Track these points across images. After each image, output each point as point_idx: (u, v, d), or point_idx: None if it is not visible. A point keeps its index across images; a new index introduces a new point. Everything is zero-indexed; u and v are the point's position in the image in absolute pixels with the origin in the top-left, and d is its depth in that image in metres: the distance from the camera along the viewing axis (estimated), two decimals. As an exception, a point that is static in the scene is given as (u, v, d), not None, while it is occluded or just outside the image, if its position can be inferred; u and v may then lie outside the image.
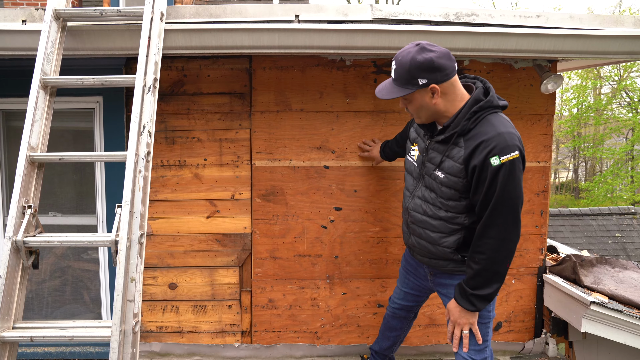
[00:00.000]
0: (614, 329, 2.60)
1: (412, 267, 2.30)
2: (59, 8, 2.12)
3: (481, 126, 1.81)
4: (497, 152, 1.74)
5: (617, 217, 9.80)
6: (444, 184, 1.90)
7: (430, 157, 1.96)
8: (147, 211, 1.91)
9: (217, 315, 2.89)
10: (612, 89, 22.44)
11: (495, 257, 1.81)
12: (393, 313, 2.48)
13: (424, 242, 2.06)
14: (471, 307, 1.89)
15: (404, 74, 1.80)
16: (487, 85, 1.90)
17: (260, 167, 2.79)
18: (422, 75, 1.78)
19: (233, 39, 2.30)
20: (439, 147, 1.93)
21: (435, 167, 1.93)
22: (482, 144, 1.77)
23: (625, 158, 21.89)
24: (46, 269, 3.19)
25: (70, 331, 1.75)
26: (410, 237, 2.16)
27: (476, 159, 1.78)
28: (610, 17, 2.50)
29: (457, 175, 1.85)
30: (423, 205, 2.02)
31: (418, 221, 2.06)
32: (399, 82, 1.83)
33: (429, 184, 1.98)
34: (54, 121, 2.63)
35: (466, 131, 1.83)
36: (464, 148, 1.82)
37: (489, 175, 1.76)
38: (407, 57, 1.79)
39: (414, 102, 1.87)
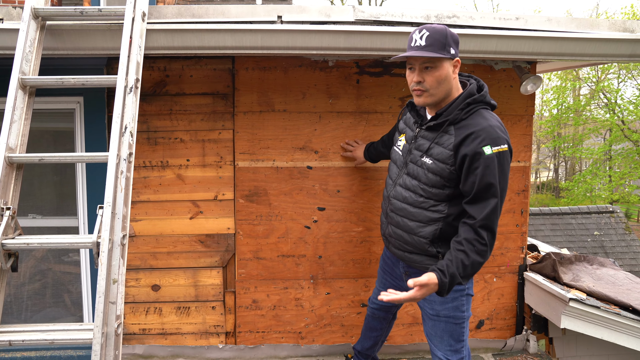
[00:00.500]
0: (592, 324, 2.66)
1: (389, 267, 2.32)
2: (37, 7, 2.10)
3: (473, 118, 1.86)
4: (489, 142, 1.79)
5: (596, 216, 10.00)
6: (431, 170, 1.92)
7: (419, 144, 1.99)
8: (129, 212, 1.90)
9: (200, 316, 2.88)
10: (590, 90, 22.87)
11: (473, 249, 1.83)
12: (372, 313, 2.51)
13: (401, 231, 2.07)
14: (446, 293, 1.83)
15: (441, 39, 1.82)
16: (480, 83, 1.96)
17: (244, 167, 2.78)
18: (453, 46, 1.85)
19: (215, 40, 2.29)
20: (428, 134, 1.96)
21: (422, 154, 1.95)
22: (473, 133, 1.81)
23: (603, 158, 22.34)
24: (25, 272, 3.14)
25: (51, 334, 1.73)
26: (388, 226, 2.16)
27: (467, 148, 1.81)
28: (587, 21, 2.56)
29: (445, 162, 1.88)
30: (404, 193, 2.04)
31: (397, 209, 2.07)
32: (433, 47, 1.82)
33: (412, 171, 2.00)
34: (34, 121, 2.59)
35: (458, 120, 1.87)
36: (454, 136, 1.86)
37: (482, 164, 1.79)
38: (441, 26, 1.86)
39: (439, 71, 1.85)
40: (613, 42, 2.46)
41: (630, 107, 20.85)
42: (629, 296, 2.79)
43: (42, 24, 2.15)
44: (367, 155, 2.65)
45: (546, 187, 30.68)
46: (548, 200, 26.27)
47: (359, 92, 2.78)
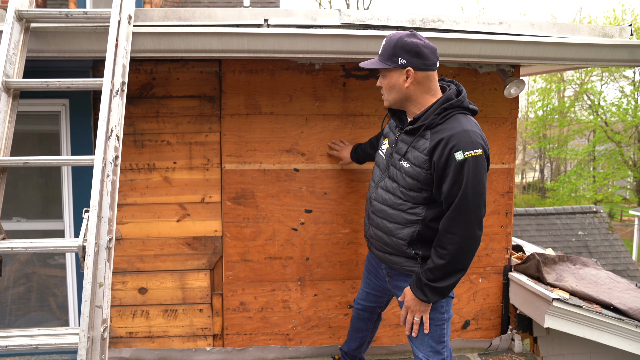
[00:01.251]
0: (575, 323, 2.71)
1: (373, 268, 2.35)
2: (21, 9, 2.08)
3: (449, 123, 1.87)
4: (461, 147, 1.80)
5: (580, 216, 10.15)
6: (408, 174, 1.95)
7: (398, 147, 2.03)
8: (115, 215, 1.89)
9: (188, 319, 2.87)
10: (574, 92, 23.21)
11: (456, 254, 1.84)
12: (357, 314, 2.53)
13: (380, 233, 2.10)
14: (423, 297, 1.93)
15: (389, 50, 1.91)
16: (460, 88, 1.99)
17: (231, 170, 2.79)
18: (404, 55, 1.89)
19: (202, 43, 2.30)
20: (406, 138, 1.99)
21: (400, 157, 1.99)
22: (446, 138, 1.83)
23: (587, 159, 22.68)
24: (10, 276, 3.11)
25: (35, 339, 1.72)
26: (369, 228, 2.19)
27: (439, 152, 1.83)
28: (568, 26, 2.61)
29: (421, 166, 1.91)
30: (384, 195, 2.07)
31: (377, 210, 2.10)
32: (382, 57, 1.95)
33: (392, 174, 2.04)
34: (19, 124, 2.57)
35: (434, 125, 1.89)
36: (429, 140, 1.89)
37: (453, 169, 1.80)
38: (396, 36, 1.92)
39: (388, 79, 1.96)
40: (593, 47, 2.51)
41: (613, 109, 21.22)
42: (610, 295, 2.85)
43: (26, 26, 2.14)
44: (353, 156, 2.67)
45: (532, 187, 31.04)
46: (534, 201, 26.58)
47: (345, 95, 2.81)
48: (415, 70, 1.89)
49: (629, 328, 2.65)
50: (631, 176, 22.49)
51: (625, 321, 2.65)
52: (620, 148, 21.50)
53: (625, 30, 2.64)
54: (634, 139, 22.28)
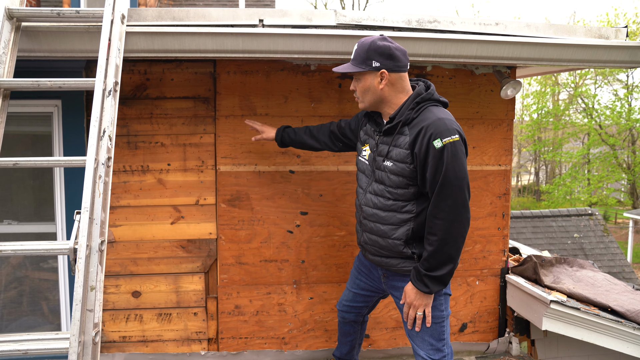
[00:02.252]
0: (572, 326, 2.69)
1: (366, 269, 2.32)
2: (12, 7, 2.05)
3: (423, 115, 1.93)
4: (439, 135, 1.85)
5: (575, 218, 10.17)
6: (393, 172, 1.97)
7: (380, 150, 2.04)
8: (107, 218, 1.86)
9: (182, 323, 2.84)
10: (569, 95, 23.33)
11: (446, 239, 1.87)
12: (342, 318, 2.49)
13: (375, 237, 2.09)
14: (425, 288, 1.94)
15: (362, 54, 1.95)
16: (428, 84, 2.04)
17: (225, 172, 2.76)
18: (377, 58, 1.93)
19: (196, 43, 2.27)
20: (386, 139, 2.02)
21: (383, 158, 2.01)
22: (423, 128, 1.88)
23: (582, 161, 22.78)
24: (1, 279, 3.06)
25: (25, 344, 1.68)
26: (362, 234, 2.19)
27: (419, 143, 1.88)
28: (564, 27, 2.60)
29: (404, 162, 1.94)
30: (373, 199, 2.07)
31: (369, 215, 2.09)
32: (355, 61, 1.98)
33: (379, 177, 2.05)
34: (11, 125, 2.53)
35: (410, 120, 1.95)
36: (408, 135, 1.93)
37: (433, 157, 1.85)
38: (368, 40, 1.96)
39: (362, 82, 1.99)
40: (589, 48, 2.51)
41: (607, 112, 21.34)
42: (607, 297, 2.83)
43: (17, 25, 2.10)
44: (279, 135, 2.51)
45: (527, 190, 31.15)
46: (529, 204, 26.67)
47: (341, 96, 2.78)
48: (389, 72, 1.95)
49: (627, 330, 2.64)
50: (625, 179, 22.59)
51: (623, 323, 2.63)
52: (615, 151, 21.61)
53: (621, 31, 2.64)
54: (627, 142, 22.40)
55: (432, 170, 1.86)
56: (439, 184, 1.85)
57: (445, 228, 1.87)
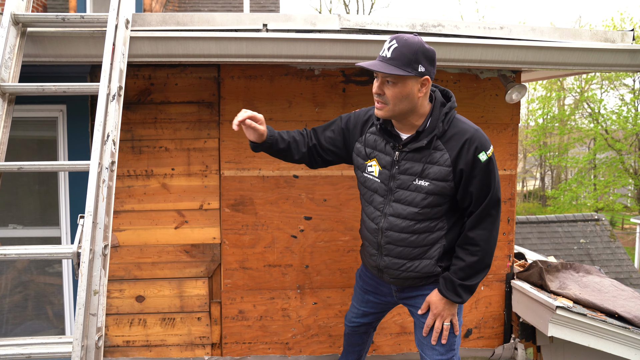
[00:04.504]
0: (579, 332, 2.66)
1: (372, 287, 2.20)
2: (18, 13, 2.07)
3: (455, 126, 1.82)
4: (482, 147, 1.79)
5: (582, 224, 10.10)
6: (430, 192, 1.83)
7: (405, 168, 1.86)
8: (111, 222, 1.86)
9: (186, 327, 2.83)
10: (574, 100, 23.25)
11: (487, 248, 1.86)
12: (353, 331, 2.39)
13: (402, 260, 1.96)
14: (458, 298, 1.90)
15: (409, 55, 1.70)
16: (445, 90, 1.92)
17: (229, 176, 2.76)
18: (424, 63, 1.73)
19: (200, 47, 2.28)
20: (415, 155, 1.85)
21: (415, 177, 1.84)
22: (466, 142, 1.78)
23: (588, 167, 22.67)
24: (6, 283, 3.07)
25: (28, 348, 1.68)
26: (381, 258, 2.01)
27: (464, 158, 1.79)
28: (569, 30, 2.59)
29: (445, 180, 1.82)
30: (400, 223, 1.91)
31: (396, 240, 1.93)
32: (397, 61, 1.70)
33: (404, 197, 1.88)
34: (17, 130, 2.55)
35: (442, 133, 1.82)
36: (446, 150, 1.81)
37: (480, 171, 1.79)
38: (415, 39, 1.73)
39: (401, 88, 1.74)
40: (595, 52, 2.49)
41: (613, 117, 21.24)
42: (614, 303, 2.80)
43: (22, 31, 2.12)
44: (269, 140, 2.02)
45: (533, 195, 31.00)
46: (535, 209, 26.53)
47: (345, 101, 2.78)
48: (431, 79, 1.78)
49: (635, 337, 2.61)
50: (632, 184, 22.45)
51: (631, 330, 2.60)
52: (621, 156, 21.49)
53: (627, 35, 2.63)
54: (634, 147, 22.28)
55: (479, 184, 1.80)
56: (488, 197, 1.82)
57: (486, 238, 1.85)
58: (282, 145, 2.03)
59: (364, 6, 25.77)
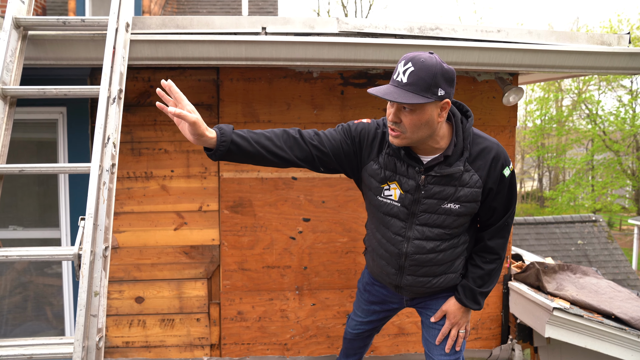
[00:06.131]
0: (576, 333, 2.68)
1: (380, 299, 2.15)
2: (19, 16, 2.08)
3: (478, 144, 1.75)
4: (506, 163, 1.78)
5: (579, 225, 10.13)
6: (461, 214, 1.78)
7: (433, 192, 1.75)
8: (111, 224, 1.88)
9: (185, 328, 2.84)
10: (572, 101, 23.29)
11: (503, 255, 1.92)
12: (356, 337, 2.34)
13: (427, 278, 1.91)
14: (477, 306, 1.93)
15: (427, 78, 1.54)
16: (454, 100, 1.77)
17: (228, 178, 2.77)
18: (443, 86, 1.58)
19: (200, 50, 2.30)
20: (444, 179, 1.74)
21: (444, 201, 1.76)
22: (493, 160, 1.74)
23: (586, 168, 22.71)
24: (6, 285, 3.08)
25: (29, 349, 1.69)
26: (403, 277, 1.92)
27: (493, 177, 1.75)
28: (566, 34, 2.61)
29: (474, 200, 1.77)
30: (427, 245, 1.83)
31: (422, 262, 1.86)
32: (415, 87, 1.55)
33: (431, 221, 1.80)
34: (18, 132, 2.56)
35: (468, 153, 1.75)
36: (474, 171, 1.74)
37: (504, 187, 1.79)
38: (432, 60, 1.56)
39: (420, 115, 1.59)
40: (591, 55, 2.51)
41: (611, 118, 21.29)
42: (611, 304, 2.82)
43: (24, 34, 2.14)
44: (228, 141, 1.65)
45: (531, 196, 31.03)
46: (533, 210, 26.56)
47: (343, 103, 2.80)
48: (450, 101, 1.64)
49: (631, 338, 2.63)
50: (630, 185, 22.51)
51: (627, 331, 2.62)
52: (619, 157, 21.54)
53: (623, 38, 2.65)
54: (632, 148, 22.33)
55: (503, 200, 1.81)
56: (510, 209, 1.84)
57: (503, 245, 1.89)
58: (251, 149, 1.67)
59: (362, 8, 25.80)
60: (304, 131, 1.80)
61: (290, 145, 1.74)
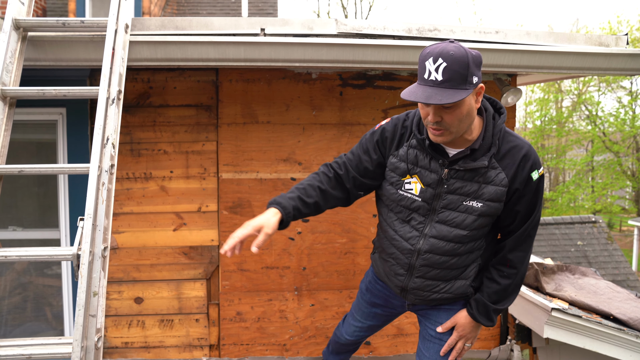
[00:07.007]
0: (574, 333, 2.69)
1: (382, 300, 2.07)
2: (19, 18, 2.09)
3: (508, 141, 1.67)
4: (536, 165, 1.66)
5: (579, 226, 10.14)
6: (484, 214, 1.68)
7: (455, 187, 1.68)
8: (110, 224, 1.88)
9: (184, 329, 2.85)
10: (572, 102, 23.29)
11: (523, 271, 1.78)
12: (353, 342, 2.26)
13: (435, 282, 1.82)
14: (489, 322, 1.82)
15: (463, 72, 1.47)
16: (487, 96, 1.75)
17: (227, 179, 2.78)
18: (476, 72, 1.51)
19: (199, 52, 2.30)
20: (467, 174, 1.67)
21: (467, 198, 1.68)
22: (523, 159, 1.64)
23: (586, 169, 22.70)
24: (6, 285, 3.09)
25: (28, 349, 1.70)
26: (411, 279, 1.84)
27: (520, 177, 1.65)
28: (564, 35, 2.62)
29: (499, 200, 1.66)
30: (443, 245, 1.75)
31: (434, 263, 1.78)
32: (453, 82, 1.47)
33: (450, 218, 1.72)
34: (17, 133, 2.56)
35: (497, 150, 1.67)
36: (501, 169, 1.65)
37: (530, 190, 1.67)
38: (461, 50, 1.49)
39: (461, 108, 1.53)
40: (589, 56, 2.52)
41: (611, 119, 21.28)
42: (610, 305, 2.83)
43: (23, 35, 2.14)
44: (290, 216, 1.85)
45: (531, 197, 30.94)
46: (533, 211, 26.47)
47: (342, 104, 2.81)
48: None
49: (630, 338, 2.63)
50: (630, 186, 22.50)
51: (626, 331, 2.63)
52: (619, 158, 21.53)
53: (621, 39, 2.65)
54: (632, 149, 22.33)
55: (526, 204, 1.67)
56: (532, 218, 1.70)
57: (523, 260, 1.76)
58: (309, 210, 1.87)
59: (362, 9, 25.83)
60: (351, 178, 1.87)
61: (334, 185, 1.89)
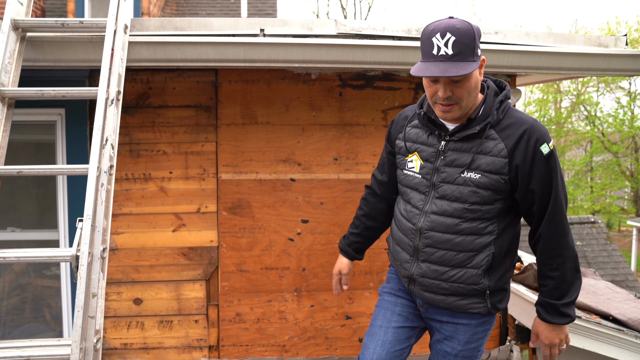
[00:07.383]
0: (574, 334, 2.68)
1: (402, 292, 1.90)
2: (18, 18, 2.08)
3: (511, 116, 1.66)
4: (544, 139, 1.60)
5: (578, 226, 10.15)
6: (482, 185, 1.63)
7: (451, 159, 1.68)
8: (109, 225, 1.88)
9: (183, 330, 2.84)
10: (571, 103, 23.33)
11: (570, 255, 1.66)
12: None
13: (441, 268, 1.72)
14: (566, 319, 1.69)
15: (471, 44, 1.52)
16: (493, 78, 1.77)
17: (227, 180, 2.78)
18: (480, 44, 1.58)
19: (198, 52, 2.30)
20: (464, 145, 1.66)
21: (463, 169, 1.66)
22: (526, 132, 1.60)
23: (584, 169, 22.73)
24: (4, 286, 3.08)
25: (27, 351, 1.69)
26: (416, 265, 1.77)
27: (523, 150, 1.60)
28: (564, 35, 2.62)
29: (499, 172, 1.62)
30: (445, 220, 1.69)
31: (438, 242, 1.71)
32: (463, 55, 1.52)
33: (450, 192, 1.69)
34: (16, 133, 2.56)
35: (496, 122, 1.65)
36: (501, 140, 1.62)
37: (541, 165, 1.60)
38: (466, 24, 1.54)
39: (470, 80, 1.57)
40: (588, 56, 2.52)
41: (610, 120, 21.32)
42: (609, 305, 2.83)
43: (22, 35, 2.14)
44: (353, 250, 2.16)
45: (530, 198, 30.99)
46: (532, 211, 26.51)
47: (341, 105, 2.81)
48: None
49: (629, 339, 2.63)
50: (629, 186, 22.54)
51: (625, 332, 2.63)
52: (618, 159, 21.57)
53: (620, 40, 2.66)
54: (631, 150, 22.36)
55: (541, 180, 1.61)
56: (553, 196, 1.62)
57: (567, 245, 1.66)
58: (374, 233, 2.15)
59: (361, 10, 25.85)
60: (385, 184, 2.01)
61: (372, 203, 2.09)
